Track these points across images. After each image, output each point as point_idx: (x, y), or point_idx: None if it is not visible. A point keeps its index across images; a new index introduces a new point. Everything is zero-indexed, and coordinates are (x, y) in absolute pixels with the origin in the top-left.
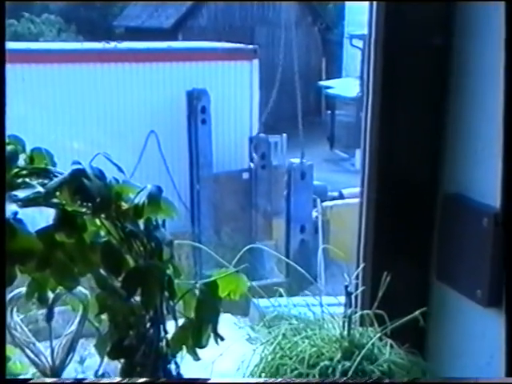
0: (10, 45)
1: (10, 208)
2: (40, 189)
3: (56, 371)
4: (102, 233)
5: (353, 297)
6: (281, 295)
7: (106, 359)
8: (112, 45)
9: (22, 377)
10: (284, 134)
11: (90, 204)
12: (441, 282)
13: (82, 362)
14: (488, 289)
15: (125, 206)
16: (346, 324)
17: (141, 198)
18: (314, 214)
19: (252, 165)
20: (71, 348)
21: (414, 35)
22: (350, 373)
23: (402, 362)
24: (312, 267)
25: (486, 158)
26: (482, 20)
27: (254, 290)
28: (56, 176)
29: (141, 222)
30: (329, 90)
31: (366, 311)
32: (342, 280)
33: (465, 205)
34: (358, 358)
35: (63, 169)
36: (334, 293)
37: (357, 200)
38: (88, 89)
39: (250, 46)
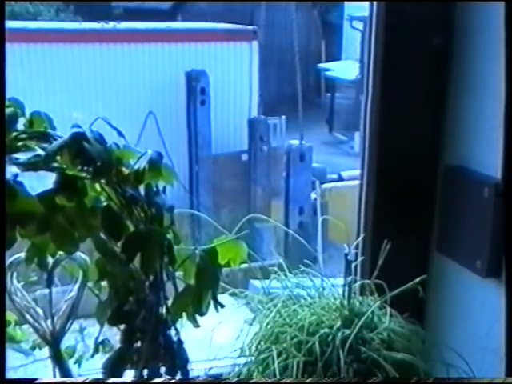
0: (7, 23)
1: (11, 170)
2: (40, 152)
3: (56, 336)
4: (103, 198)
5: (352, 267)
6: (281, 269)
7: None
8: (111, 25)
9: (22, 344)
10: (283, 116)
11: (90, 169)
12: (441, 254)
13: (81, 330)
14: (487, 259)
15: (125, 171)
16: (346, 292)
17: (141, 164)
18: (313, 196)
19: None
20: (71, 313)
21: (415, 17)
22: (350, 340)
23: (401, 331)
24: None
25: (487, 128)
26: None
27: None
28: (56, 140)
29: (141, 188)
30: (328, 73)
31: (365, 280)
32: (340, 261)
33: (466, 176)
34: (358, 326)
35: None
36: (333, 275)
37: (356, 182)
38: (86, 69)
39: (250, 27)
